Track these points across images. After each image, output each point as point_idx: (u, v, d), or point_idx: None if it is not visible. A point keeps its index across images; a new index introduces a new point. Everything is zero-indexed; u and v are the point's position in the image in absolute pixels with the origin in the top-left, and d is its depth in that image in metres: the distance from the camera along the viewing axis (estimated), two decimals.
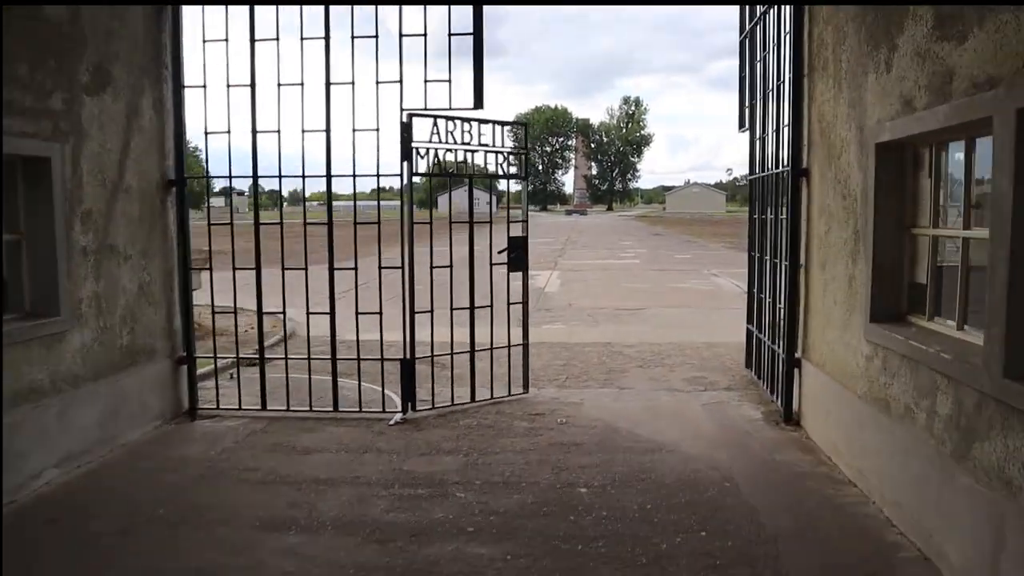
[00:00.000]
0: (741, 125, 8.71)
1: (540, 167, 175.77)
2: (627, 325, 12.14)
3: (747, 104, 8.32)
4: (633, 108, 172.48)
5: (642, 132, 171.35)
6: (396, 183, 6.95)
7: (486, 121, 7.09)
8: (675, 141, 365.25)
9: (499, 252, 7.50)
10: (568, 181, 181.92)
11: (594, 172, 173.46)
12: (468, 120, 6.95)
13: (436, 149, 6.83)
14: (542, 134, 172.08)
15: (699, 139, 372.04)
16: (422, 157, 6.78)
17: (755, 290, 8.14)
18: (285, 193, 6.80)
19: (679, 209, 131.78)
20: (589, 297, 15.57)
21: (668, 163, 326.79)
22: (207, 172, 7.75)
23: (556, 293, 16.27)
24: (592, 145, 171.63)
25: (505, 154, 7.28)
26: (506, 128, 7.26)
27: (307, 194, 7.94)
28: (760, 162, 7.72)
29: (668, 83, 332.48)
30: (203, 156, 7.53)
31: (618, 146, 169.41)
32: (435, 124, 6.78)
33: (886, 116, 4.64)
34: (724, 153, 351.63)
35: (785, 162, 6.68)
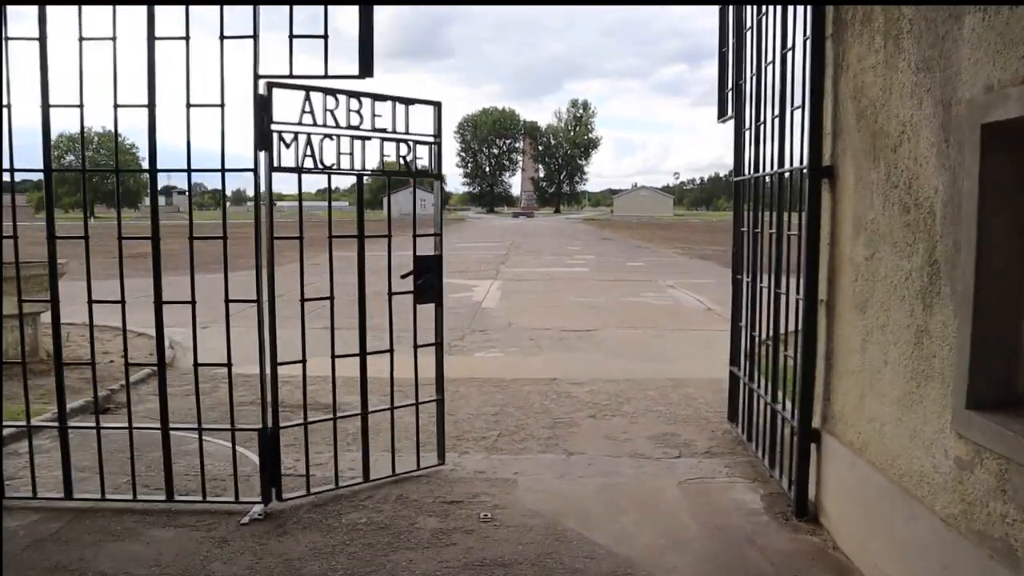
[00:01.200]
0: (722, 113, 6.89)
1: (487, 169, 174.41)
2: (576, 352, 10.25)
3: (731, 86, 6.49)
4: (581, 111, 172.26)
5: (590, 135, 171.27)
6: (270, 180, 4.92)
7: (383, 97, 5.12)
8: (623, 145, 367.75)
9: (402, 277, 5.54)
10: (515, 183, 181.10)
11: (542, 174, 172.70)
12: (356, 95, 4.98)
13: (309, 134, 4.84)
14: (489, 136, 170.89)
15: (647, 143, 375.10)
16: (288, 145, 4.78)
17: (744, 324, 6.30)
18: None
19: (627, 213, 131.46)
20: (533, 314, 13.66)
21: (616, 167, 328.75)
22: None
23: (495, 309, 14.32)
24: (540, 147, 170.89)
25: (411, 143, 5.31)
26: (413, 108, 5.29)
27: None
28: (752, 159, 5.89)
29: (617, 87, 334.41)
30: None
31: (566, 149, 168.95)
32: (307, 99, 4.78)
33: (1008, 78, 2.80)
34: (672, 157, 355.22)
35: (796, 159, 4.87)
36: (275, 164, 4.72)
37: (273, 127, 4.69)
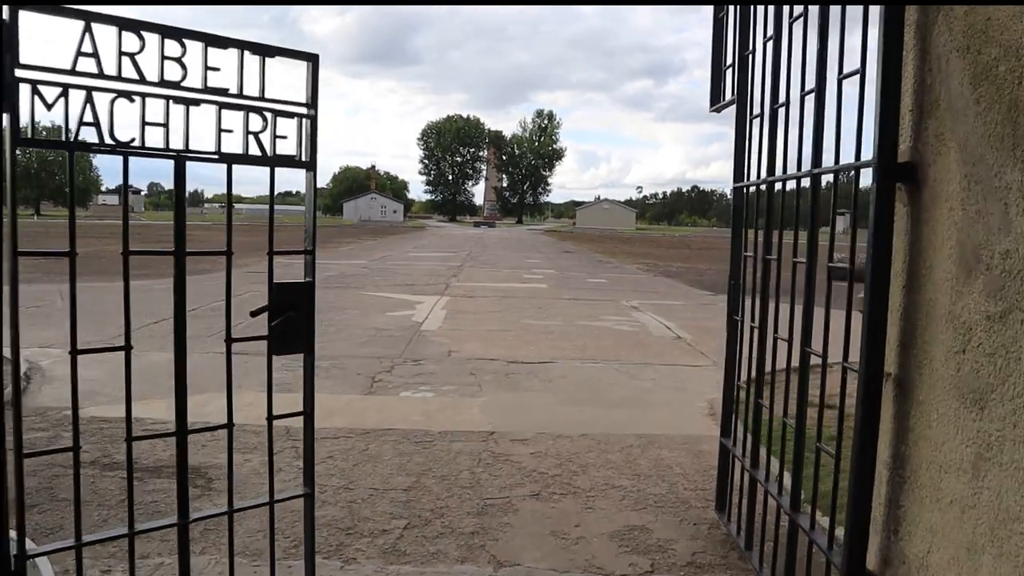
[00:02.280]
0: (716, 99, 5.25)
1: (450, 177, 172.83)
2: (523, 393, 8.50)
3: (732, 59, 4.83)
4: (546, 122, 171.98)
5: (554, 146, 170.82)
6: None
7: (223, 41, 3.33)
8: (586, 157, 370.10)
9: (252, 314, 3.76)
10: (479, 192, 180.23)
11: (505, 184, 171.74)
12: (178, 34, 3.18)
13: (89, 88, 3.03)
14: (453, 144, 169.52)
15: (610, 156, 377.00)
16: (50, 105, 2.97)
17: (746, 385, 4.65)
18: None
19: (589, 225, 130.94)
20: (479, 339, 11.89)
21: (579, 179, 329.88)
22: None
23: (437, 332, 12.51)
24: (504, 157, 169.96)
25: (268, 114, 3.52)
26: (273, 61, 3.50)
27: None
28: (763, 159, 4.21)
29: (582, 100, 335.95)
30: None
31: (530, 159, 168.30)
32: (88, 33, 2.97)
33: None
34: (634, 171, 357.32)
35: (844, 154, 3.20)
36: (22, 133, 2.89)
37: (21, 74, 2.87)
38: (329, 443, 6.42)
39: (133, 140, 3.19)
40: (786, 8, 3.79)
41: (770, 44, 4.00)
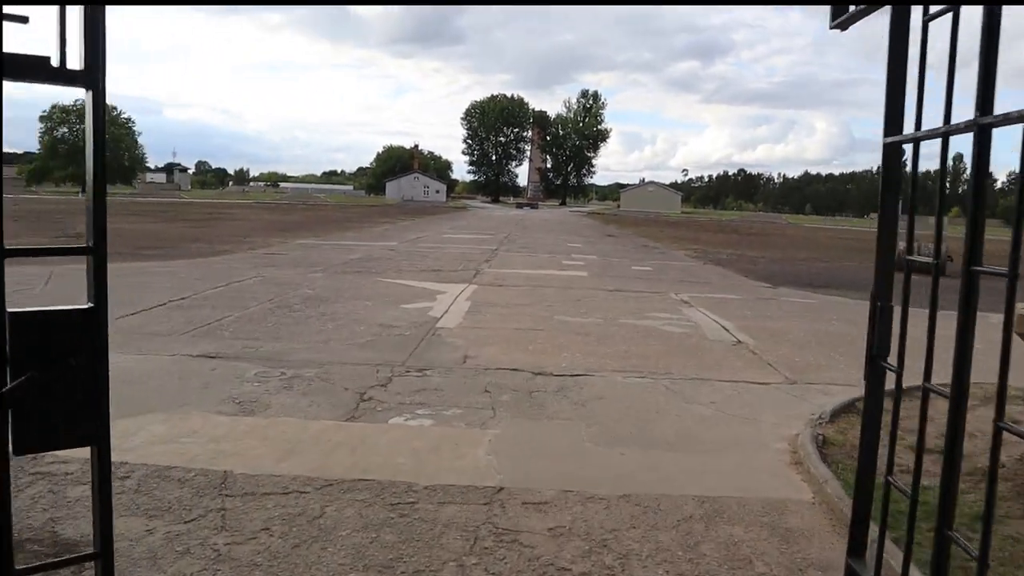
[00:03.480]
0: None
1: (493, 158, 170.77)
2: (548, 423, 6.67)
3: None
4: (591, 102, 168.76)
5: (599, 127, 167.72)
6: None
7: None
8: (631, 139, 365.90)
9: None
10: (522, 173, 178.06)
11: (549, 165, 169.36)
12: None
13: None
14: (497, 123, 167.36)
15: (655, 139, 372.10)
16: None
17: (893, 478, 2.73)
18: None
19: (634, 207, 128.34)
20: (502, 340, 10.08)
21: (623, 161, 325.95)
22: None
23: (454, 331, 10.71)
24: (548, 138, 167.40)
25: None
26: None
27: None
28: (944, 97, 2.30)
29: (627, 81, 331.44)
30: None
31: (574, 140, 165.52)
32: None
33: None
34: (680, 154, 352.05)
35: None
36: None
37: None
38: (271, 503, 4.66)
39: None
40: None
41: None
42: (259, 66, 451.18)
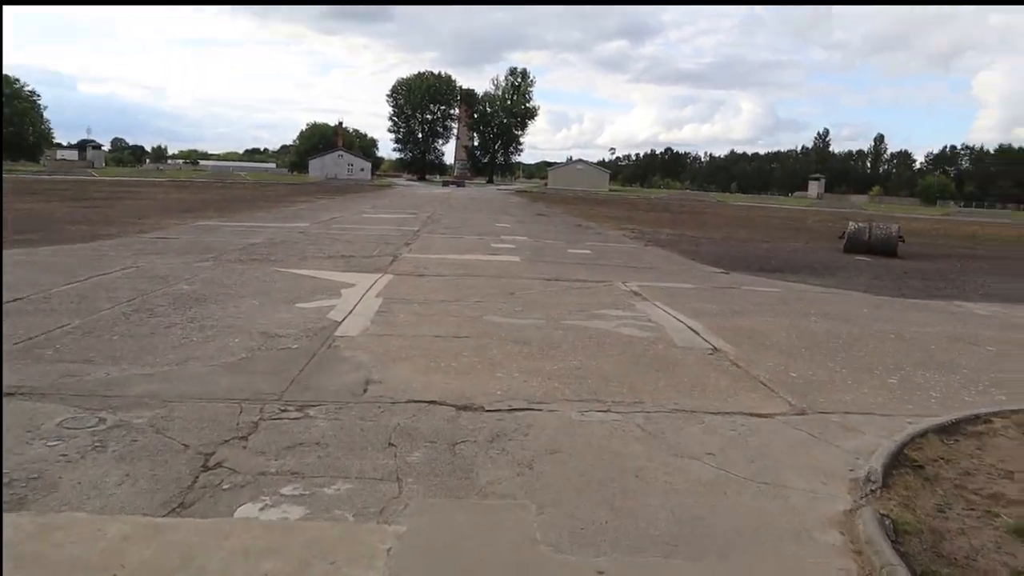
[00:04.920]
0: None
1: (420, 135, 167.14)
2: (479, 506, 4.43)
3: None
4: (520, 81, 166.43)
5: (527, 105, 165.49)
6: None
7: None
8: (559, 118, 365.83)
9: None
10: (449, 151, 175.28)
11: (476, 143, 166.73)
12: None
13: None
14: (424, 101, 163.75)
15: (583, 117, 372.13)
16: None
17: None
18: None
19: (562, 186, 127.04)
20: (418, 355, 7.79)
21: (551, 139, 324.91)
22: None
23: (357, 341, 8.36)
24: (475, 116, 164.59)
25: None
26: None
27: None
28: None
29: (557, 60, 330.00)
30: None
31: (502, 118, 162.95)
32: None
33: None
34: (607, 133, 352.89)
35: None
36: None
37: None
38: None
39: None
40: None
41: None
42: (181, 41, 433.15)
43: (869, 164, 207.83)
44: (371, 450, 5.11)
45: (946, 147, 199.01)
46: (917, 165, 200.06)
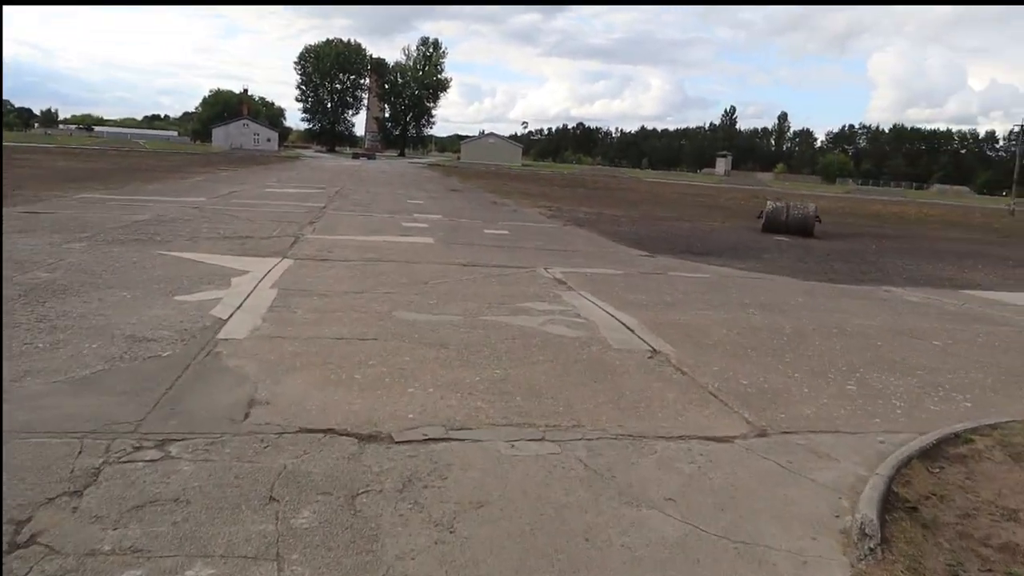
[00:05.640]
0: None
1: (329, 105, 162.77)
2: None
3: None
4: (431, 51, 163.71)
5: (439, 77, 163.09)
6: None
7: None
8: (471, 91, 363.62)
9: None
10: (359, 122, 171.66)
11: (387, 115, 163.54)
12: None
13: None
14: (333, 70, 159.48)
15: (495, 91, 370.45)
16: None
17: None
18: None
19: (475, 159, 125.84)
20: (315, 363, 6.63)
21: (463, 112, 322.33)
22: None
23: (244, 345, 7.12)
24: (387, 86, 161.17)
25: None
26: None
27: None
28: None
29: (469, 31, 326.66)
30: None
31: (414, 89, 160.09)
32: None
33: None
34: (519, 106, 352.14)
35: None
36: None
37: None
38: None
39: None
40: None
41: None
42: None
43: (774, 142, 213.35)
44: (246, 509, 3.96)
45: (845, 126, 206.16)
46: (818, 143, 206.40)
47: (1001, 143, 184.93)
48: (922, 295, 13.03)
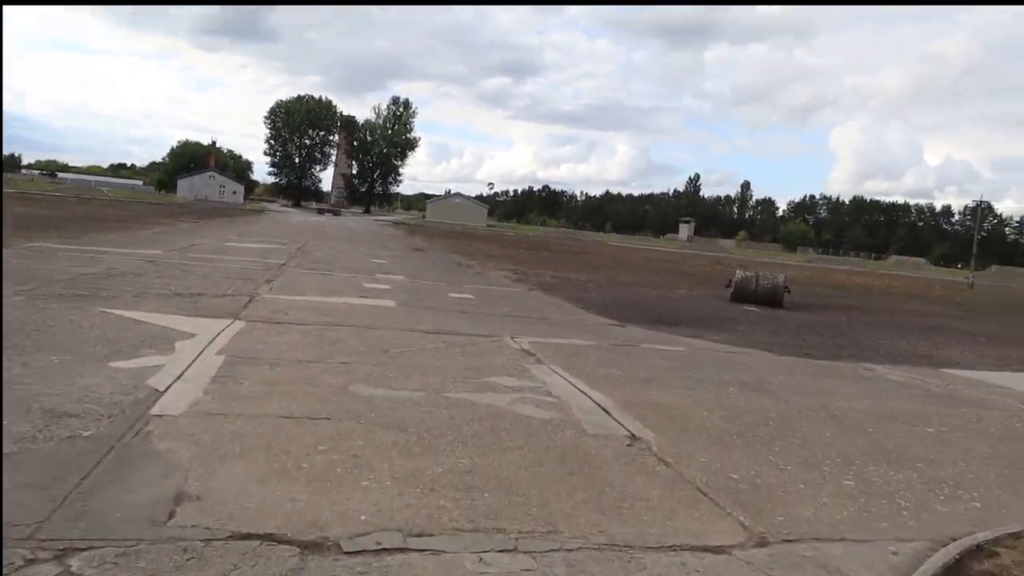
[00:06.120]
0: None
1: (297, 160, 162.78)
2: None
3: None
4: (402, 110, 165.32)
5: (408, 136, 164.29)
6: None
7: None
8: (439, 150, 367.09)
9: None
10: (326, 178, 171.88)
11: (355, 172, 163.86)
12: None
13: None
14: (303, 125, 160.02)
15: (463, 151, 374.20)
16: None
17: None
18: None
19: (440, 218, 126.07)
20: (257, 447, 5.89)
21: (430, 171, 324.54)
22: None
23: (179, 424, 6.35)
24: (355, 143, 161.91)
25: None
26: None
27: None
28: None
29: (439, 92, 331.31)
30: None
31: (382, 147, 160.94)
32: None
33: None
34: (486, 167, 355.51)
35: None
36: None
37: None
38: None
39: None
40: None
41: None
42: (49, 43, 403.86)
43: (736, 209, 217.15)
44: None
45: (806, 196, 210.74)
46: (780, 212, 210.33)
47: (957, 217, 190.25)
48: (903, 374, 12.61)
